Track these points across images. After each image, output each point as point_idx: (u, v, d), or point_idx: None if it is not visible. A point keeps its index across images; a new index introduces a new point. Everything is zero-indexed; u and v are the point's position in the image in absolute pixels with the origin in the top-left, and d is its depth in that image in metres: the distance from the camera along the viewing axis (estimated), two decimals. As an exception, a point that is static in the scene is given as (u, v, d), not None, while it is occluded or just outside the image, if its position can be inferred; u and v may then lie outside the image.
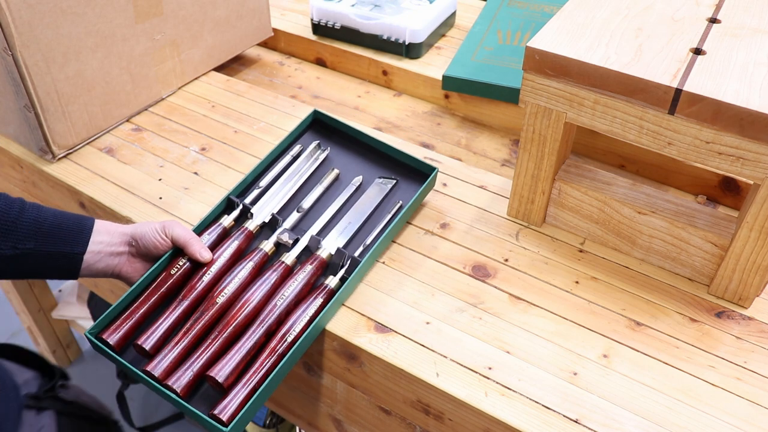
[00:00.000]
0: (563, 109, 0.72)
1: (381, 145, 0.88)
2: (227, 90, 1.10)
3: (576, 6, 0.77)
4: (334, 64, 1.26)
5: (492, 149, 1.07)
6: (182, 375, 0.65)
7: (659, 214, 0.75)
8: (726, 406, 0.64)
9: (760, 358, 0.69)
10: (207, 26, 1.09)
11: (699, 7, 0.77)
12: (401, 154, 0.87)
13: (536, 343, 0.70)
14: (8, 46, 0.82)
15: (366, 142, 0.89)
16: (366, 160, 0.89)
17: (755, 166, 0.64)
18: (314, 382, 0.79)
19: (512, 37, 1.17)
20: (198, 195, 0.89)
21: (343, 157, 0.90)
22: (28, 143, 0.95)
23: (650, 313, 0.73)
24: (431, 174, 0.84)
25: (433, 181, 0.84)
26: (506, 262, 0.79)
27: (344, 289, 0.72)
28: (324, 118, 0.91)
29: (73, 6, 0.86)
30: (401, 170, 0.87)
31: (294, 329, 0.68)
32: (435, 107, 1.16)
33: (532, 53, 0.70)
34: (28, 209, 0.68)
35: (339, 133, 0.91)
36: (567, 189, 0.80)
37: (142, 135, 1.00)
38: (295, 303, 0.71)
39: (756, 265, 0.70)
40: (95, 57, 0.92)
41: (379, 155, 0.89)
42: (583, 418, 0.63)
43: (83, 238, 0.69)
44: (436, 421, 0.70)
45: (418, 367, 0.68)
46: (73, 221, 0.70)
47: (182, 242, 0.72)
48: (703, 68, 0.66)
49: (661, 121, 0.67)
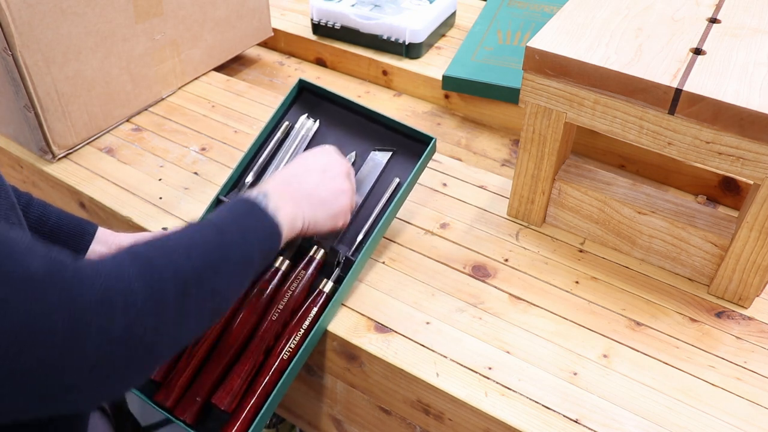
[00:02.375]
0: (563, 109, 0.72)
1: (374, 115, 0.81)
2: (227, 90, 1.10)
3: (576, 6, 0.77)
4: (334, 64, 1.26)
5: (492, 149, 1.07)
6: (190, 404, 0.68)
7: (659, 214, 0.75)
8: (726, 406, 0.64)
9: (760, 358, 0.69)
10: (207, 26, 1.09)
11: (699, 7, 0.77)
12: (396, 123, 0.80)
13: (536, 343, 0.70)
14: (8, 46, 0.82)
15: (358, 110, 0.82)
16: (358, 133, 0.82)
17: (755, 166, 0.64)
18: (314, 382, 0.79)
19: (512, 37, 1.17)
20: (198, 195, 0.89)
21: (334, 131, 0.83)
22: (28, 143, 0.95)
23: (650, 313, 0.73)
24: (429, 144, 0.77)
25: (432, 151, 0.78)
26: (506, 262, 0.79)
27: (341, 290, 0.72)
28: (312, 87, 0.84)
29: (73, 6, 0.86)
30: (396, 142, 0.81)
31: (290, 345, 0.69)
32: (435, 107, 1.16)
33: (532, 53, 0.70)
34: (34, 205, 0.68)
35: (328, 105, 0.84)
36: (567, 189, 0.80)
37: (142, 135, 1.00)
38: (291, 312, 0.71)
39: (756, 265, 0.70)
40: (95, 57, 0.92)
41: (372, 126, 0.82)
42: (583, 418, 0.63)
43: (84, 242, 0.69)
44: (436, 421, 0.70)
45: (418, 367, 0.68)
46: (75, 224, 0.70)
47: None
48: (703, 68, 0.66)
49: (661, 121, 0.67)
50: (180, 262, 0.48)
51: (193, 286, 0.48)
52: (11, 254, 0.39)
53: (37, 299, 0.39)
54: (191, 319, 0.49)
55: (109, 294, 0.42)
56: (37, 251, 0.41)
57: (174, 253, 0.49)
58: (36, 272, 0.39)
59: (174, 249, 0.49)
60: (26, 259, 0.40)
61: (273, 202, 0.60)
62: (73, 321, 0.40)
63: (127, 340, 0.43)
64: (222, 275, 0.51)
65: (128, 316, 0.43)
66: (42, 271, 0.40)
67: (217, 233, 0.53)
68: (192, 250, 0.50)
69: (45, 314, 0.39)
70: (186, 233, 0.53)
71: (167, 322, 0.46)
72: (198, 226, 0.54)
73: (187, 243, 0.51)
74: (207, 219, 0.56)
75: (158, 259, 0.47)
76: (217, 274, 0.51)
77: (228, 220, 0.56)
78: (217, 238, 0.53)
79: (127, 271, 0.45)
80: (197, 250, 0.50)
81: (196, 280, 0.49)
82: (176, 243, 0.50)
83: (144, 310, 0.44)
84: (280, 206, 0.60)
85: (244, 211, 0.58)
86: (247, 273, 0.55)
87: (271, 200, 0.60)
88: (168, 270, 0.47)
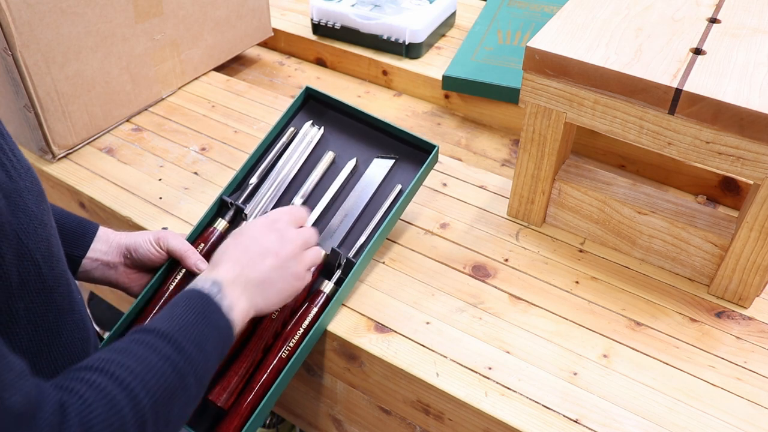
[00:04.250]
0: (563, 109, 0.72)
1: (378, 122, 0.82)
2: (227, 90, 1.10)
3: (576, 6, 0.77)
4: (334, 64, 1.26)
5: (492, 149, 1.07)
6: None
7: (659, 214, 0.75)
8: (726, 406, 0.64)
9: (760, 358, 0.69)
10: (207, 26, 1.09)
11: (699, 7, 0.77)
12: (399, 131, 0.81)
13: (536, 343, 0.70)
14: (8, 46, 0.82)
15: (362, 118, 0.84)
16: (362, 140, 0.84)
17: (755, 166, 0.64)
18: (314, 382, 0.79)
19: (512, 37, 1.17)
20: (198, 195, 0.89)
21: (338, 138, 0.84)
22: (28, 143, 0.95)
23: (650, 313, 0.73)
24: (432, 152, 0.78)
25: (435, 159, 0.79)
26: (506, 262, 0.79)
27: (341, 291, 0.72)
28: (317, 95, 0.86)
29: (73, 6, 0.86)
30: (400, 149, 0.82)
31: (289, 344, 0.69)
32: (435, 107, 1.16)
33: (532, 53, 0.70)
34: None
35: (333, 113, 0.86)
36: (567, 189, 0.80)
37: (142, 135, 1.00)
38: (291, 311, 0.71)
39: (756, 265, 0.70)
40: (95, 57, 0.92)
41: (375, 134, 0.83)
42: (583, 418, 0.63)
43: (85, 241, 0.69)
44: (436, 421, 0.70)
45: (418, 367, 0.68)
46: (77, 223, 0.70)
47: (178, 255, 0.71)
48: (703, 68, 0.66)
49: (661, 121, 0.67)
50: (139, 399, 0.47)
51: (150, 425, 0.48)
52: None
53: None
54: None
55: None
56: (22, 385, 0.41)
57: (134, 386, 0.48)
58: (12, 408, 0.40)
59: (133, 381, 0.48)
60: (8, 392, 0.40)
61: (228, 300, 0.58)
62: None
63: None
64: (178, 404, 0.51)
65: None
66: (18, 409, 0.40)
67: (174, 350, 0.52)
68: (150, 381, 0.49)
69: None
70: (143, 353, 0.50)
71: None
72: (154, 339, 0.52)
73: (144, 371, 0.49)
74: (161, 321, 0.54)
75: (119, 397, 0.46)
76: (174, 403, 0.50)
77: (184, 327, 0.54)
78: (173, 360, 0.51)
79: (92, 420, 0.44)
80: (155, 379, 0.49)
81: (154, 417, 0.48)
82: (134, 370, 0.49)
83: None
84: (234, 304, 0.58)
85: (200, 315, 0.56)
86: (201, 390, 0.54)
87: (226, 297, 0.58)
88: (128, 412, 0.46)
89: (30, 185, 0.52)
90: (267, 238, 0.64)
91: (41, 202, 0.54)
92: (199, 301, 0.57)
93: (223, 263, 0.61)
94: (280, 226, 0.66)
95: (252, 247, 0.63)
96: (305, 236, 0.67)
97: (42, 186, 0.56)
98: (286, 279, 0.64)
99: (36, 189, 0.54)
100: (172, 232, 0.73)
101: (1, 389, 0.40)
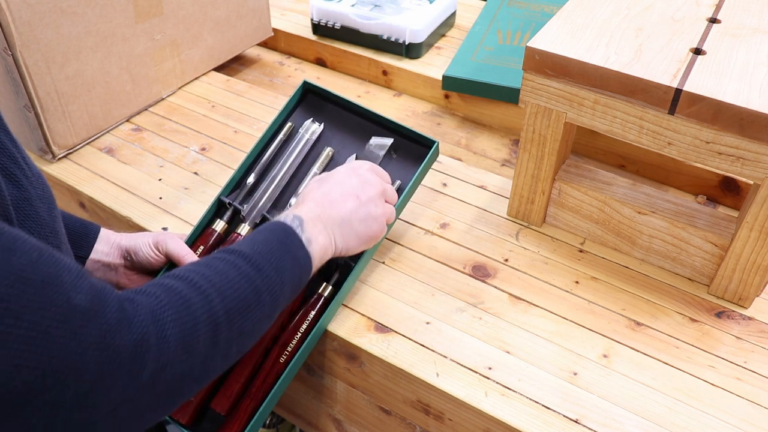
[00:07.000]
0: (563, 109, 0.72)
1: (378, 117, 0.81)
2: (227, 90, 1.10)
3: (576, 6, 0.77)
4: (334, 64, 1.26)
5: (492, 149, 1.07)
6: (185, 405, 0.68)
7: (659, 214, 0.75)
8: (726, 406, 0.64)
9: (760, 358, 0.69)
10: (207, 26, 1.09)
11: (699, 7, 0.77)
12: (400, 126, 0.80)
13: (536, 343, 0.70)
14: (8, 46, 0.82)
15: (361, 113, 0.82)
16: (362, 135, 0.83)
17: (755, 166, 0.64)
18: (314, 382, 0.79)
19: (512, 37, 1.17)
20: (198, 195, 0.89)
21: (337, 133, 0.83)
22: (28, 143, 0.95)
23: (650, 313, 0.73)
24: (432, 147, 0.77)
25: (435, 155, 0.78)
26: (506, 262, 0.79)
27: (339, 293, 0.71)
28: (316, 89, 0.85)
29: (73, 6, 0.86)
30: (400, 145, 0.81)
31: (287, 348, 0.69)
32: (435, 107, 1.16)
33: (532, 53, 0.70)
34: None
35: (332, 108, 0.84)
36: (567, 189, 0.80)
37: (142, 135, 1.00)
38: (289, 315, 0.71)
39: (756, 265, 0.70)
40: (95, 57, 0.92)
41: (375, 129, 0.82)
42: (583, 418, 0.63)
43: (88, 242, 0.69)
44: (436, 421, 0.70)
45: (418, 367, 0.68)
46: (79, 225, 0.70)
47: (176, 259, 0.71)
48: (703, 68, 0.66)
49: (661, 121, 0.67)
50: (214, 304, 0.49)
51: (223, 330, 0.49)
52: (60, 284, 0.40)
53: (76, 334, 0.39)
54: (217, 361, 0.50)
55: (144, 338, 0.43)
56: (83, 284, 0.41)
57: (209, 291, 0.49)
58: (78, 306, 0.40)
59: (210, 287, 0.50)
60: (72, 291, 0.40)
61: (307, 233, 0.60)
62: (105, 361, 0.40)
63: (154, 385, 0.44)
64: (252, 317, 0.52)
65: (159, 362, 0.44)
66: (84, 306, 0.40)
67: (253, 269, 0.54)
68: (227, 291, 0.51)
69: (80, 351, 0.39)
70: (223, 267, 0.53)
71: (195, 366, 0.47)
72: (235, 258, 0.54)
73: (222, 281, 0.51)
74: (244, 245, 0.56)
75: (194, 298, 0.48)
76: (248, 316, 0.52)
77: (264, 252, 0.56)
78: (251, 277, 0.53)
79: (163, 313, 0.45)
80: (232, 290, 0.51)
81: (228, 323, 0.50)
82: (212, 279, 0.51)
83: (175, 356, 0.45)
84: (313, 237, 0.61)
85: (280, 243, 0.58)
86: (275, 311, 0.56)
87: (306, 230, 0.60)
88: (202, 313, 0.48)
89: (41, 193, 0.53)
90: (349, 181, 0.67)
91: (52, 209, 0.54)
92: (281, 231, 0.59)
93: (305, 203, 0.64)
94: (362, 171, 0.69)
95: (334, 189, 0.66)
96: (386, 186, 0.70)
97: (53, 193, 0.56)
98: (366, 221, 0.66)
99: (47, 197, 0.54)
100: (172, 234, 0.73)
101: (66, 290, 0.40)
